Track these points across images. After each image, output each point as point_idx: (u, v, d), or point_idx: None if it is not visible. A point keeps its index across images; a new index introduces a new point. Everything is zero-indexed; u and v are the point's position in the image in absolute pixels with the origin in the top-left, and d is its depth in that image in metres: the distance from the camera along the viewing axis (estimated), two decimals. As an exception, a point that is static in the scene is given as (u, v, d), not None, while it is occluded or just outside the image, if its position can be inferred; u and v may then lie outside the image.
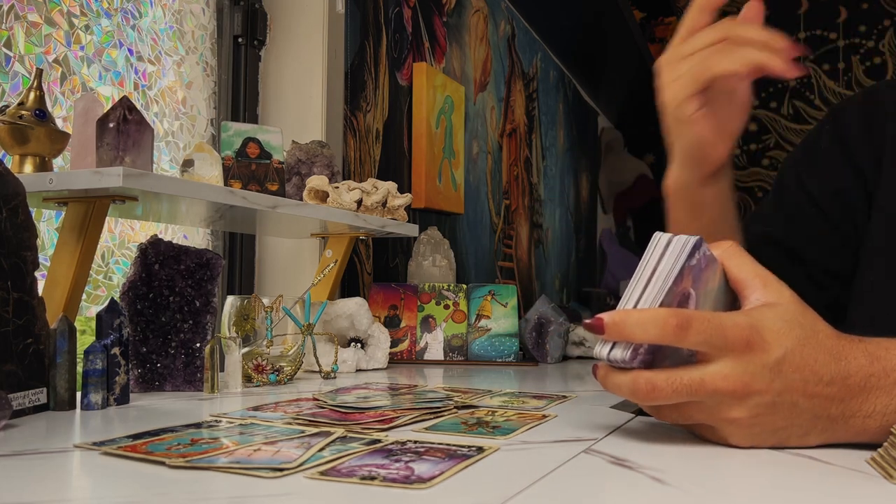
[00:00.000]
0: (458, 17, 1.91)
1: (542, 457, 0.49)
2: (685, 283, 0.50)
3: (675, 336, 0.47)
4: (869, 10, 3.36)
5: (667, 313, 0.47)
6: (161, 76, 1.18)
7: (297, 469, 0.44)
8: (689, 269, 0.50)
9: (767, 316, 0.49)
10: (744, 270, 0.52)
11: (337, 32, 1.37)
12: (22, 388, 0.63)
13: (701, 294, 0.51)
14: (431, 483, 0.41)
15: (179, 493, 0.40)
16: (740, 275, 0.52)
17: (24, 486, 0.41)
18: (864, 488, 0.42)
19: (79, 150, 0.79)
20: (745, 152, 3.56)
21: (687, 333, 0.47)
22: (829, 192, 0.74)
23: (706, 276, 0.51)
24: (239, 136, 1.04)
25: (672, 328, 0.46)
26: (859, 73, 3.37)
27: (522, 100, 2.38)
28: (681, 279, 0.49)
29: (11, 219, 0.64)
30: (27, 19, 0.95)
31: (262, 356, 0.88)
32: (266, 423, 0.59)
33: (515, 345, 1.22)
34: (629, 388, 0.49)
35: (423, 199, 1.64)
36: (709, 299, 0.52)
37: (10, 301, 0.62)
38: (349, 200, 1.08)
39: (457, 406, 0.67)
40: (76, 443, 0.52)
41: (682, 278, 0.49)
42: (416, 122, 1.66)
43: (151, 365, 0.79)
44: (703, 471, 0.46)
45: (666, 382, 0.47)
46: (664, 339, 0.47)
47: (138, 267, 0.80)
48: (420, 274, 1.46)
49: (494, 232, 2.12)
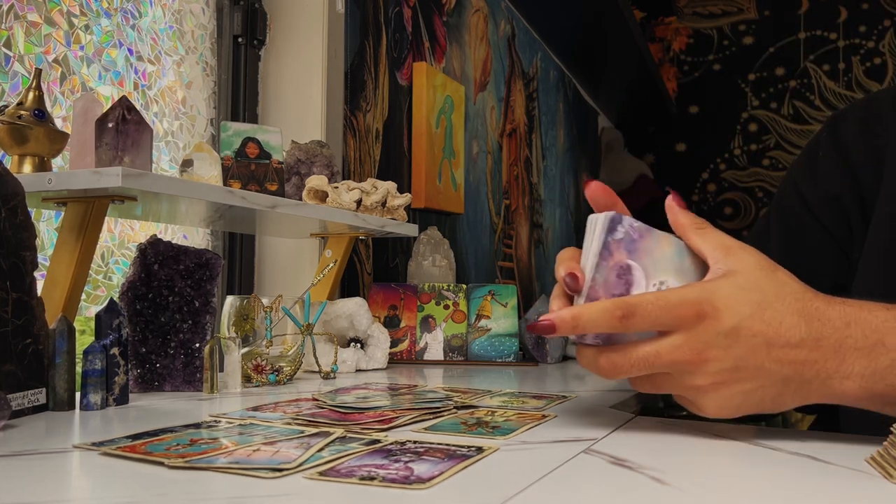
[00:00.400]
0: (458, 17, 1.91)
1: (541, 457, 0.49)
2: (617, 256, 0.52)
3: (621, 325, 0.49)
4: (869, 10, 3.36)
5: (611, 305, 0.49)
6: (161, 76, 1.18)
7: (296, 469, 0.44)
8: (614, 243, 0.52)
9: (721, 286, 0.50)
10: (707, 242, 0.53)
11: (337, 32, 1.37)
12: (21, 389, 0.63)
13: (648, 263, 0.52)
14: (431, 483, 0.41)
15: (178, 493, 0.40)
16: (703, 247, 0.53)
17: (24, 487, 0.41)
18: (864, 488, 0.41)
19: (78, 150, 0.79)
20: (745, 152, 3.56)
21: (632, 321, 0.49)
22: (825, 199, 0.73)
23: (645, 245, 0.53)
24: (238, 135, 1.04)
25: (617, 319, 0.49)
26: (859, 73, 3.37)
27: (522, 99, 2.38)
28: (609, 254, 0.52)
29: (10, 219, 0.64)
30: (27, 19, 0.95)
31: (261, 356, 0.88)
32: (265, 423, 0.59)
33: (515, 345, 1.22)
34: (594, 365, 0.52)
35: (422, 199, 1.64)
36: (663, 266, 0.53)
37: (10, 301, 0.62)
38: (349, 200, 1.08)
39: (456, 406, 0.67)
40: (75, 443, 0.52)
41: (610, 253, 0.52)
42: (416, 122, 1.66)
43: (151, 365, 0.79)
44: (703, 471, 0.46)
45: (624, 358, 0.50)
46: (612, 329, 0.50)
47: (138, 267, 0.79)
48: (420, 274, 1.46)
49: (494, 232, 2.11)
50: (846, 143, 0.73)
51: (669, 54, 3.70)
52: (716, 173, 3.59)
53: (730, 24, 3.61)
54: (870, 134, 0.72)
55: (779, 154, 3.50)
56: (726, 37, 3.61)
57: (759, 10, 3.55)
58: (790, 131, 3.49)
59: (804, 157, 0.78)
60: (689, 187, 3.62)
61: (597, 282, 0.52)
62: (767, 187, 3.51)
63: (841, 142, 0.73)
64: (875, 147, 0.71)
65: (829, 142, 0.75)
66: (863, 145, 0.72)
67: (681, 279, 0.53)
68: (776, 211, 0.79)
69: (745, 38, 3.58)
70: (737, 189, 3.57)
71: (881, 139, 0.71)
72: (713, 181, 3.60)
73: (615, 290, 0.52)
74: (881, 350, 0.48)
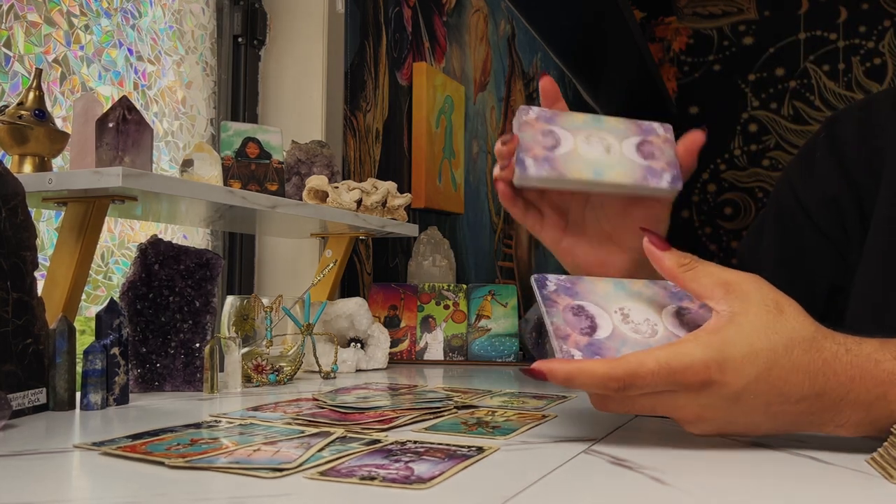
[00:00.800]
0: (458, 17, 1.91)
1: (542, 457, 0.49)
2: (562, 302, 0.53)
3: (617, 396, 0.48)
4: (869, 10, 3.36)
5: (608, 378, 0.46)
6: (161, 76, 1.18)
7: (296, 469, 0.44)
8: (552, 294, 0.53)
9: (733, 339, 0.47)
10: (700, 282, 0.50)
11: (337, 32, 1.37)
12: (21, 389, 0.63)
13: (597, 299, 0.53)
14: (431, 483, 0.41)
15: (179, 493, 0.40)
16: (698, 288, 0.50)
17: (24, 487, 0.41)
18: (864, 488, 0.41)
19: (78, 150, 0.79)
20: (745, 153, 3.56)
21: (629, 390, 0.47)
22: (821, 201, 0.73)
23: (583, 288, 0.54)
24: (238, 135, 1.04)
25: (612, 391, 0.47)
26: (859, 73, 3.37)
27: (522, 99, 2.38)
28: (553, 303, 0.52)
29: (11, 219, 0.64)
30: (27, 19, 0.95)
31: (261, 356, 0.88)
32: (266, 423, 0.59)
33: (515, 345, 1.22)
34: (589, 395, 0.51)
35: (422, 199, 1.64)
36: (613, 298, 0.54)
37: (10, 301, 0.62)
38: (349, 200, 1.08)
39: (457, 406, 0.67)
40: (75, 443, 0.52)
41: (554, 302, 0.52)
42: (416, 122, 1.66)
43: (151, 365, 0.79)
44: (703, 471, 0.46)
45: (621, 407, 0.49)
46: (604, 403, 0.49)
47: (138, 267, 0.79)
48: (420, 274, 1.46)
49: (494, 232, 2.11)
50: (844, 145, 0.73)
51: (669, 54, 3.70)
52: (716, 173, 3.59)
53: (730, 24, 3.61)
54: (868, 136, 0.71)
55: (779, 154, 3.50)
56: (726, 37, 3.61)
57: (759, 11, 3.55)
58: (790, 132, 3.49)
59: (801, 158, 0.78)
60: (690, 187, 3.62)
61: (557, 324, 0.51)
62: (767, 188, 3.51)
63: (838, 143, 0.73)
64: (873, 149, 0.71)
65: (826, 143, 0.74)
66: (861, 147, 0.71)
67: (641, 303, 0.53)
68: (772, 211, 0.78)
69: (745, 39, 3.58)
70: (737, 189, 3.57)
71: (879, 141, 0.70)
72: (713, 181, 3.60)
73: (580, 325, 0.51)
74: (881, 403, 0.47)
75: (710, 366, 0.46)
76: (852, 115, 0.74)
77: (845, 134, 0.73)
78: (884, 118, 0.71)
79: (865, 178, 0.71)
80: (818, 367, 0.47)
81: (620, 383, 0.46)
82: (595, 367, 0.47)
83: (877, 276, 0.68)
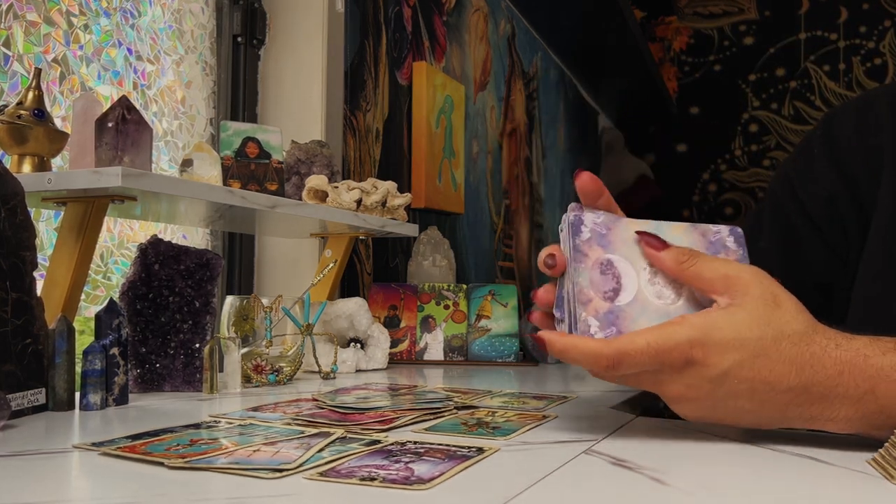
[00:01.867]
0: (458, 17, 1.91)
1: (542, 457, 0.49)
2: (592, 255, 0.52)
3: (606, 373, 0.50)
4: (869, 10, 3.36)
5: (598, 354, 0.49)
6: (160, 75, 1.18)
7: (296, 470, 0.44)
8: (584, 244, 0.52)
9: (719, 323, 0.48)
10: (702, 277, 0.51)
11: (337, 32, 1.37)
12: (21, 389, 0.63)
13: (628, 252, 0.52)
14: (431, 484, 0.41)
15: (178, 493, 0.40)
16: (700, 283, 0.51)
17: (23, 487, 0.41)
18: (865, 488, 0.41)
19: (78, 150, 0.79)
20: (745, 153, 3.55)
21: (618, 369, 0.49)
22: (818, 199, 0.73)
23: (617, 236, 0.53)
24: (238, 135, 1.04)
25: (602, 367, 0.49)
26: (860, 73, 3.37)
27: (522, 99, 2.38)
28: (583, 256, 0.51)
29: (10, 219, 0.64)
30: (26, 18, 0.95)
31: (261, 356, 0.88)
32: (265, 423, 0.59)
33: (515, 345, 1.21)
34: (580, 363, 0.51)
35: (422, 199, 1.64)
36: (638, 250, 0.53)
37: (9, 301, 0.62)
38: (349, 200, 1.08)
39: (457, 406, 0.67)
40: (75, 443, 0.52)
41: (584, 255, 0.51)
42: (416, 122, 1.66)
43: (150, 365, 0.79)
44: (703, 471, 0.46)
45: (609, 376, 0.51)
46: (598, 374, 0.50)
47: (138, 267, 0.79)
48: (420, 274, 1.46)
49: (494, 232, 2.11)
50: (841, 144, 0.72)
51: (670, 54, 3.70)
52: (716, 174, 3.59)
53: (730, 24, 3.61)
54: (865, 134, 0.71)
55: (779, 155, 3.50)
56: (727, 37, 3.61)
57: (760, 11, 3.55)
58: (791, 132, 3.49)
59: (798, 156, 0.77)
60: (690, 187, 3.62)
61: (582, 286, 0.51)
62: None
63: (835, 142, 0.73)
64: (871, 147, 0.70)
65: (823, 141, 0.74)
66: (858, 145, 0.71)
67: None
68: (769, 207, 0.78)
69: (745, 39, 3.57)
70: (737, 189, 3.57)
71: (877, 139, 0.70)
72: (714, 181, 3.60)
73: (605, 286, 0.51)
74: (870, 398, 0.47)
75: (694, 345, 0.48)
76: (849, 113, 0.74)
77: (842, 132, 0.73)
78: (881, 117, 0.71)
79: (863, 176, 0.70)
80: (805, 360, 0.48)
81: (610, 361, 0.49)
82: (588, 345, 0.49)
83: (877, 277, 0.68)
